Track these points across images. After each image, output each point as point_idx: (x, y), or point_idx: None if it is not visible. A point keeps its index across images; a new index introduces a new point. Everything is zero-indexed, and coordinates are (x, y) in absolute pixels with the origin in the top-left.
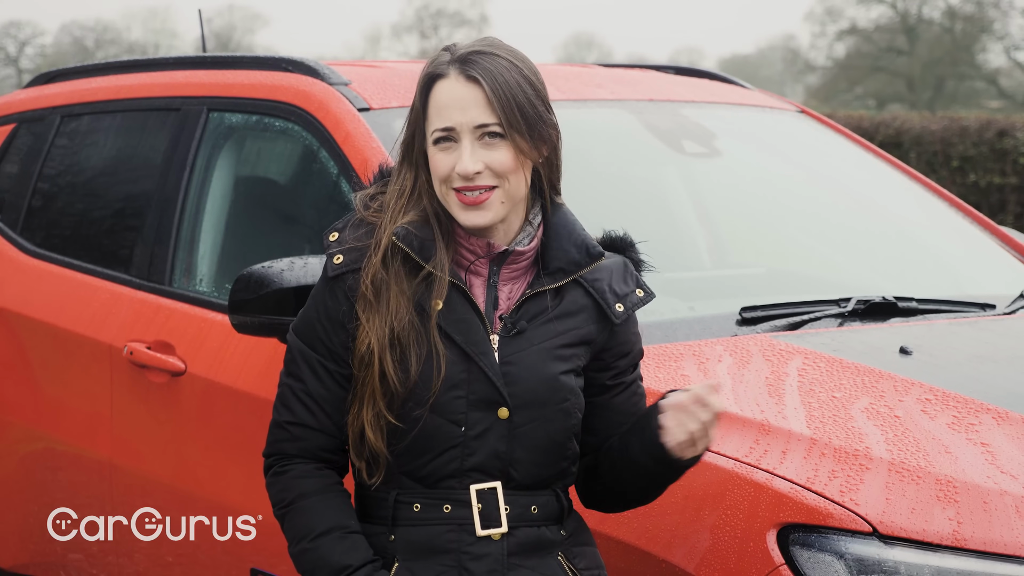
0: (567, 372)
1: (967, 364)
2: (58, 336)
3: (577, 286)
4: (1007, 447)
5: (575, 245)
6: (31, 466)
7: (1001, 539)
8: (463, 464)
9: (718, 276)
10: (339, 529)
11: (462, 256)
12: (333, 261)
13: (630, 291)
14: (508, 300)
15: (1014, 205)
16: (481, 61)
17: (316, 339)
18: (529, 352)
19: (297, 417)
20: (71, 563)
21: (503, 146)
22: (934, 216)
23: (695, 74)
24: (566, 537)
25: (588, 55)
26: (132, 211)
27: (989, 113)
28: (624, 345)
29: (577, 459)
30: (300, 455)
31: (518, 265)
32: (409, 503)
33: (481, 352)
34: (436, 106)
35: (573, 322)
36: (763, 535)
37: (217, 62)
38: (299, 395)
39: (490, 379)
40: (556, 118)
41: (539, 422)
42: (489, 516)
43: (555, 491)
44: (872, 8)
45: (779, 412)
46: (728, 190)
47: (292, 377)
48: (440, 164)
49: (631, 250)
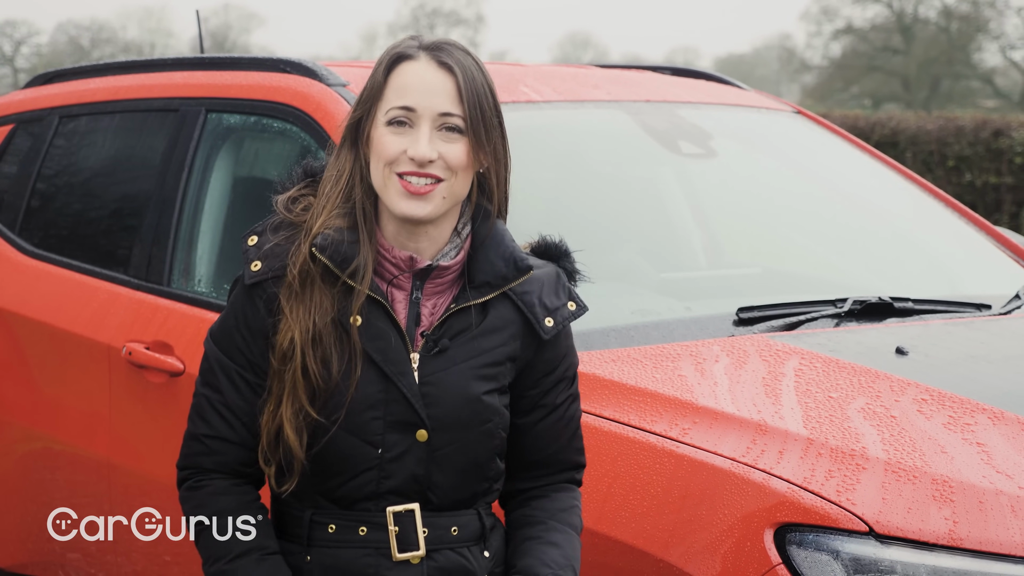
0: (490, 392)
1: (963, 364)
2: (56, 336)
3: (505, 299)
4: (1003, 447)
5: (503, 258)
6: (29, 466)
7: (997, 538)
8: (379, 487)
9: (714, 276)
10: (257, 551)
11: (384, 269)
12: (251, 268)
13: (561, 304)
14: (431, 316)
15: (1010, 205)
16: (454, 53)
17: (234, 348)
18: (451, 372)
19: (214, 430)
20: (69, 563)
21: (461, 141)
22: (930, 216)
23: (691, 75)
24: (490, 559)
25: (584, 55)
26: (130, 211)
27: (985, 113)
28: (550, 362)
29: (501, 476)
30: (217, 470)
31: (442, 280)
32: (324, 523)
33: (400, 372)
34: (398, 86)
35: (499, 338)
36: (760, 535)
37: (215, 63)
38: (216, 407)
39: (408, 401)
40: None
41: (459, 444)
42: (407, 539)
43: (477, 510)
44: (868, 7)
45: (776, 412)
46: (724, 191)
47: (209, 387)
48: (389, 145)
49: (565, 259)
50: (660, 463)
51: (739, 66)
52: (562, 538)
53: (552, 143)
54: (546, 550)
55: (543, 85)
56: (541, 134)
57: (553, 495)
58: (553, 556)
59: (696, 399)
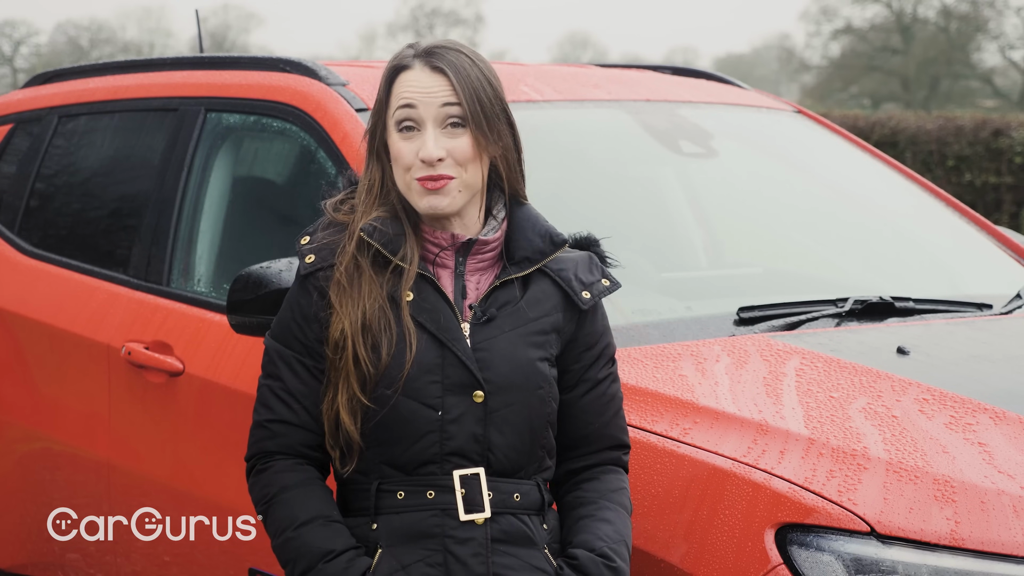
0: (541, 359)
1: (964, 364)
2: (56, 336)
3: (544, 276)
4: (1004, 447)
5: (539, 235)
6: (29, 466)
7: (999, 539)
8: (442, 448)
9: (715, 276)
10: (321, 518)
11: (428, 250)
12: (305, 260)
13: (596, 280)
14: (477, 290)
15: (1009, 204)
16: (446, 55)
17: (291, 337)
18: (501, 339)
19: (277, 414)
20: (69, 563)
21: (464, 135)
22: (931, 216)
23: (692, 74)
24: (548, 533)
25: (583, 54)
26: (130, 211)
27: (984, 112)
28: (591, 336)
29: (554, 452)
30: (281, 451)
31: (484, 256)
32: (392, 491)
33: (453, 338)
34: (399, 95)
35: (542, 309)
36: (761, 535)
37: (214, 62)
38: (278, 393)
39: (464, 363)
40: (515, 123)
41: (515, 407)
42: (472, 501)
43: (536, 482)
44: (867, 7)
45: (777, 412)
46: (725, 190)
47: (270, 377)
48: (403, 152)
49: (596, 247)
50: (661, 463)
51: (738, 66)
52: (614, 515)
53: (553, 143)
54: (600, 526)
55: (543, 85)
56: (542, 134)
57: (602, 476)
58: (607, 531)
59: (697, 399)
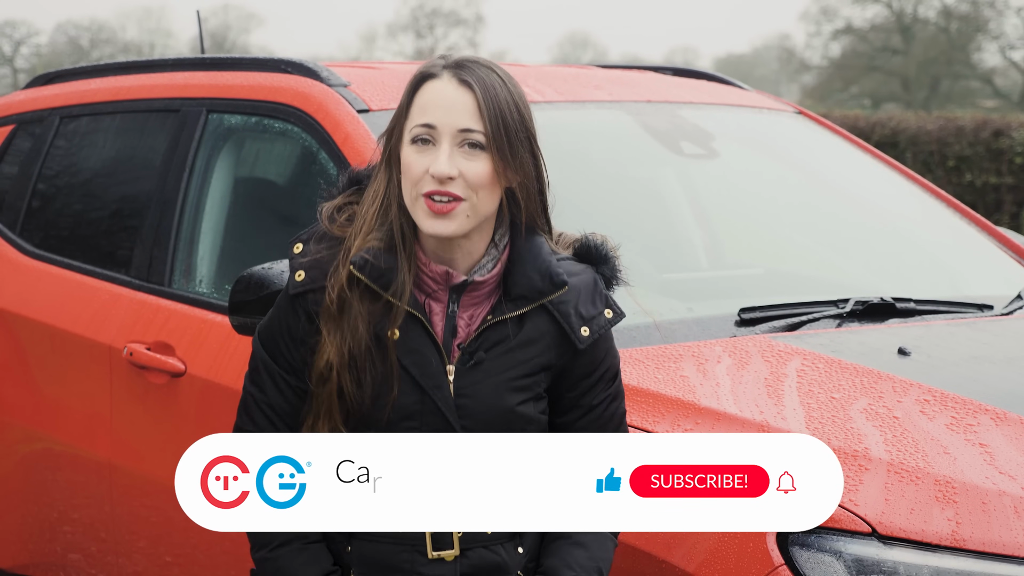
0: (525, 402)
1: (965, 365)
2: (57, 337)
3: (542, 310)
4: (1005, 448)
5: (539, 272)
6: (30, 467)
7: (1000, 539)
8: None
9: (716, 277)
10: (299, 540)
11: (422, 281)
12: (295, 278)
13: (598, 313)
14: (468, 327)
15: (1010, 205)
16: (476, 70)
17: (278, 353)
18: (485, 385)
19: (258, 428)
20: (70, 563)
21: (482, 158)
22: (932, 217)
23: (693, 75)
24: (524, 555)
25: (583, 55)
26: (131, 212)
27: (984, 113)
28: (587, 366)
29: None
30: None
31: (479, 292)
32: None
33: (435, 385)
34: (421, 103)
35: (534, 350)
36: (763, 535)
37: (216, 63)
38: (261, 406)
39: (443, 413)
40: (540, 154)
41: None
42: (441, 540)
43: None
44: (867, 7)
45: (778, 413)
46: (726, 191)
47: (255, 386)
48: (414, 164)
49: (605, 265)
50: None
51: (739, 66)
52: (590, 538)
53: (553, 143)
54: (572, 551)
55: (544, 85)
56: (542, 134)
57: None
58: (579, 557)
59: (698, 400)
